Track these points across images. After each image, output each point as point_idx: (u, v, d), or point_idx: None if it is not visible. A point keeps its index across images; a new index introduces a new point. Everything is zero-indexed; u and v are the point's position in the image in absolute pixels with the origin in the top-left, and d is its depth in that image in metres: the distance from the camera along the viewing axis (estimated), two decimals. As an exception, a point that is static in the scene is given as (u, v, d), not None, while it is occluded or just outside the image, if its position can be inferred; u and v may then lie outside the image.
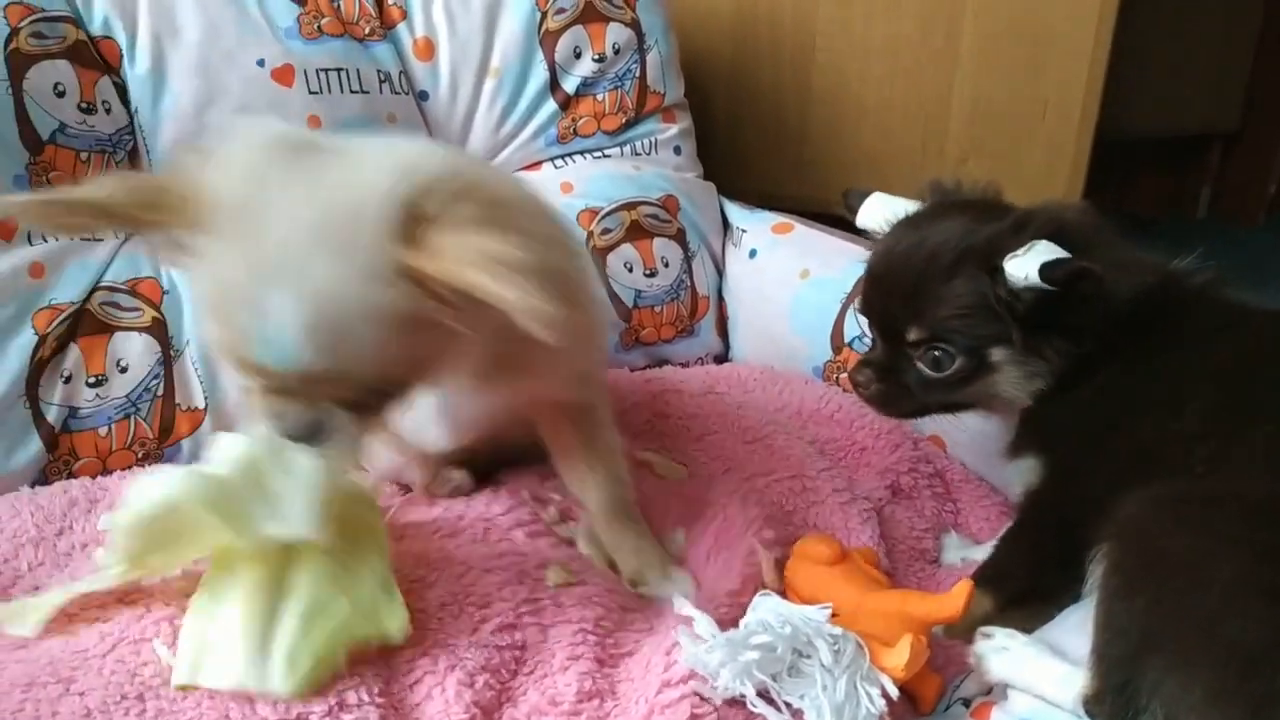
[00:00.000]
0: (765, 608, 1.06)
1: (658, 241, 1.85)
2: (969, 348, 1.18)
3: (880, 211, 1.31)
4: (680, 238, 1.88)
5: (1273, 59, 2.99)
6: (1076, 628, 1.07)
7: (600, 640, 1.07)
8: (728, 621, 1.05)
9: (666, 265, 1.85)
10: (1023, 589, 1.21)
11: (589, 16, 1.81)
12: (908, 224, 1.27)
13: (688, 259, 1.88)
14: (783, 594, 1.15)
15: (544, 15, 1.78)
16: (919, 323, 1.19)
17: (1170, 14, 2.81)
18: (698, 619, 1.03)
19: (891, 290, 1.23)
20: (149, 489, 0.93)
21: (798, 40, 2.29)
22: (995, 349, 1.18)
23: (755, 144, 2.32)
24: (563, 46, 1.80)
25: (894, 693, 1.00)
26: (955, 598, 1.07)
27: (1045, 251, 1.09)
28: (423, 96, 1.76)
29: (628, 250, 1.82)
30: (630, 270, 1.82)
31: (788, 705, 0.98)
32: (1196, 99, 3.09)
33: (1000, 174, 2.24)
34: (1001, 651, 1.07)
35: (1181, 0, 2.84)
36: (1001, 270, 1.12)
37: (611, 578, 1.19)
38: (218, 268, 0.86)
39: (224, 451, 0.92)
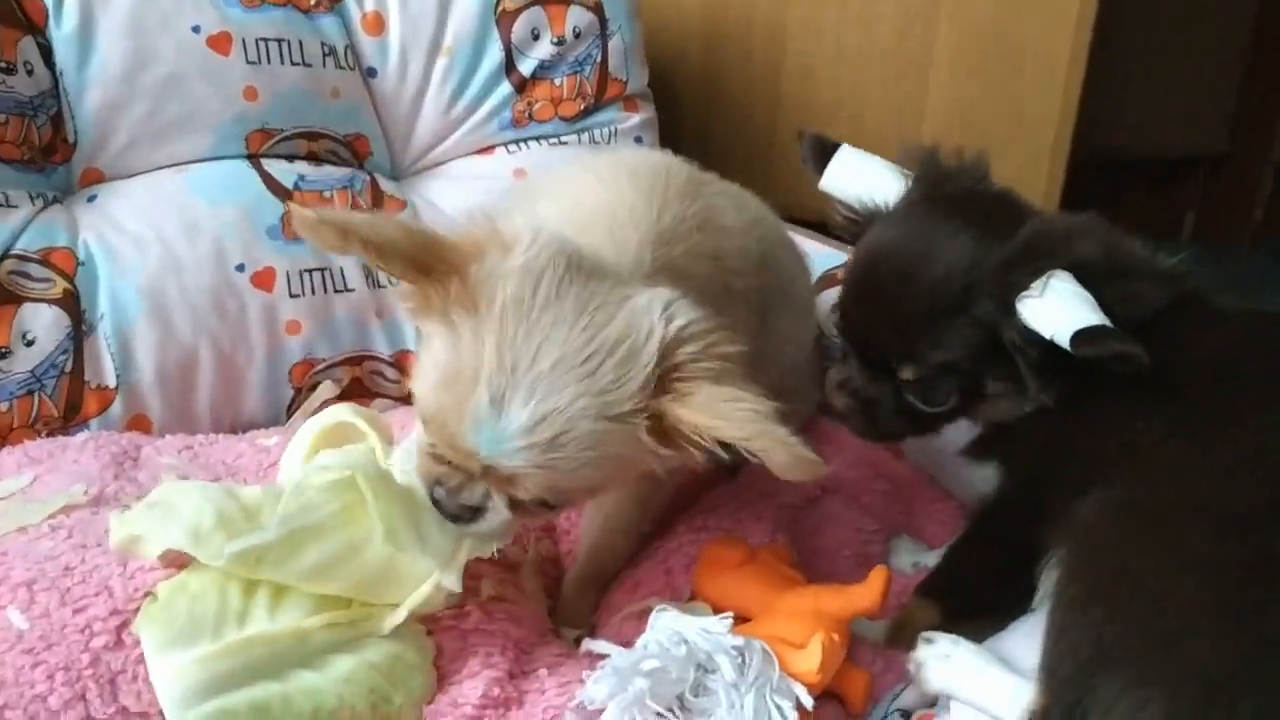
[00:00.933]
0: (661, 625, 0.98)
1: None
2: (965, 384, 1.08)
3: (851, 177, 1.15)
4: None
5: (1258, 83, 2.96)
6: (1026, 637, 0.99)
7: (517, 656, 1.03)
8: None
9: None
10: (971, 602, 1.13)
11: (549, -1, 1.74)
12: (897, 224, 1.11)
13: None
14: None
15: (501, -6, 1.71)
16: (915, 362, 1.07)
17: (1155, 36, 2.78)
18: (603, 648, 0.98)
19: (881, 317, 1.10)
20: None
21: (769, 44, 2.23)
22: (992, 381, 1.08)
23: (724, 148, 2.24)
24: (520, 27, 1.73)
25: (808, 702, 0.92)
26: (870, 587, 1.00)
27: (1063, 293, 0.97)
28: (370, 73, 1.68)
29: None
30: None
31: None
32: (1181, 122, 3.05)
33: (974, 185, 2.22)
34: (943, 660, 0.99)
35: (1167, 22, 2.81)
36: (1015, 311, 1.00)
37: (542, 608, 1.15)
38: (471, 346, 0.87)
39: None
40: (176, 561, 0.95)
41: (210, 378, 1.47)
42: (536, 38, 1.74)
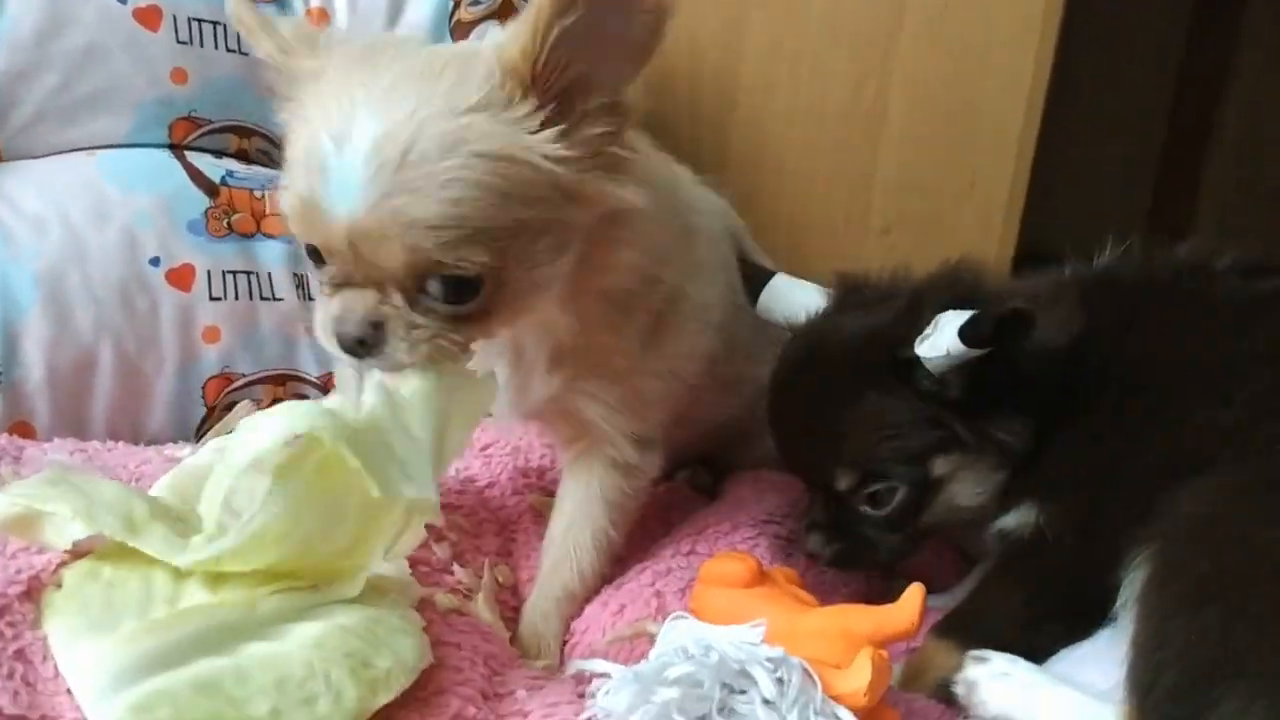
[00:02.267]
0: (680, 631, 0.82)
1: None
2: (908, 473, 0.99)
3: (780, 302, 1.12)
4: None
5: (1173, 178, 3.03)
6: (1086, 660, 0.86)
7: (489, 675, 0.86)
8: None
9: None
10: (996, 646, 0.99)
11: (507, 12, 1.63)
12: (798, 338, 1.08)
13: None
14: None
15: (457, 3, 1.60)
16: (842, 466, 1.01)
17: (1081, 135, 2.85)
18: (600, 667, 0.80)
19: (800, 436, 1.06)
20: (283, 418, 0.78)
21: (718, 99, 2.17)
22: (937, 461, 0.99)
23: (669, 203, 2.16)
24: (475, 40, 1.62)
25: None
26: (905, 608, 0.85)
27: (955, 320, 0.91)
28: (312, 74, 1.54)
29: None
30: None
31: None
32: (1107, 214, 3.10)
33: (925, 247, 2.16)
34: (1002, 678, 0.85)
35: (1091, 124, 2.89)
36: (916, 360, 0.93)
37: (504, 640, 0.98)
38: (316, 107, 0.82)
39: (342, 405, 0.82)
40: (82, 550, 0.76)
41: (110, 383, 1.28)
42: (492, 52, 1.64)
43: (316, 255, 0.87)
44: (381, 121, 0.78)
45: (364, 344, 0.84)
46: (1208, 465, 0.85)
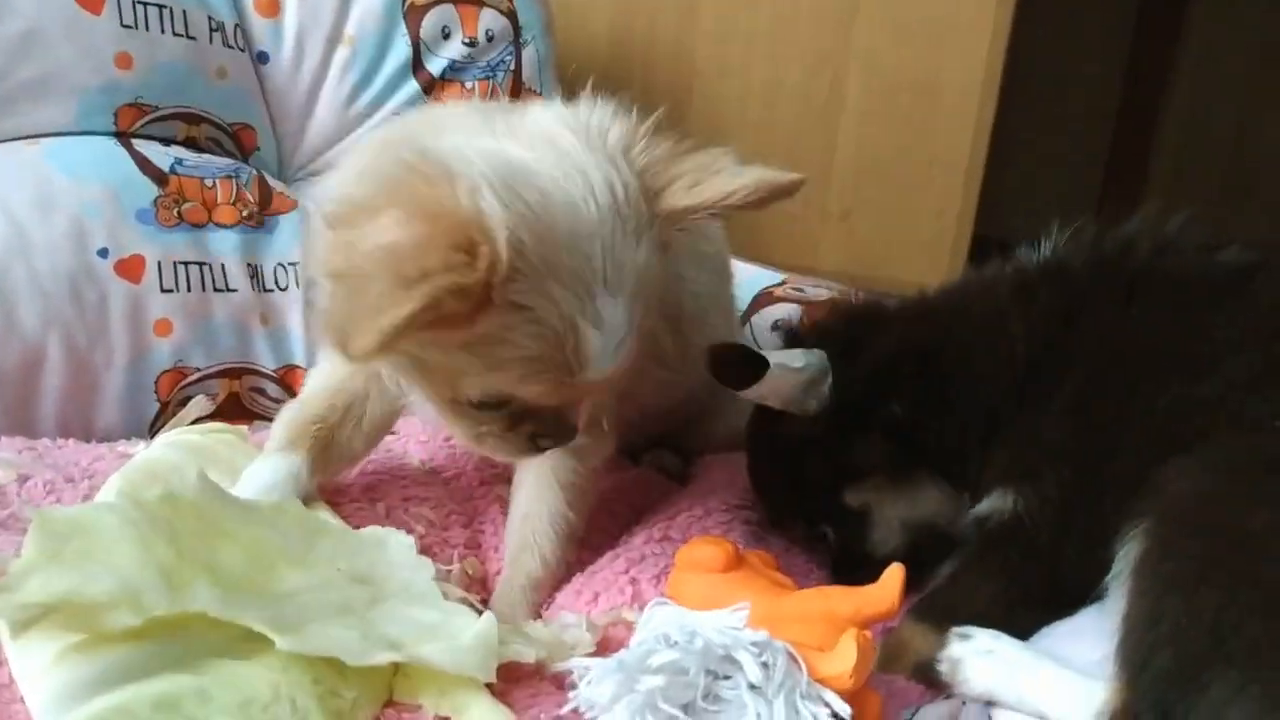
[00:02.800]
0: (662, 618, 0.81)
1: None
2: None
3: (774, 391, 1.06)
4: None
5: (1123, 160, 3.07)
6: (1072, 636, 0.85)
7: None
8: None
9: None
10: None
11: (460, -3, 1.61)
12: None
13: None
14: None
15: (409, -11, 1.57)
16: (790, 520, 1.13)
17: (1035, 119, 2.87)
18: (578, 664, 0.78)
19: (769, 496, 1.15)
20: None
21: (673, 80, 2.15)
22: (846, 493, 1.06)
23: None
24: (430, 23, 1.59)
25: (845, 710, 0.75)
26: (885, 588, 0.84)
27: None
28: (262, 58, 1.51)
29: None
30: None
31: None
32: (1061, 197, 3.13)
33: (885, 232, 2.17)
34: (986, 656, 0.84)
35: (1045, 107, 2.92)
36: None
37: None
38: (547, 306, 0.81)
39: None
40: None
41: (59, 380, 1.24)
42: (447, 36, 1.60)
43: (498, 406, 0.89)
44: (619, 300, 0.84)
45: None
46: (1194, 442, 0.84)
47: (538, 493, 1.04)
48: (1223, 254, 1.00)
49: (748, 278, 1.62)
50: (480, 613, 0.80)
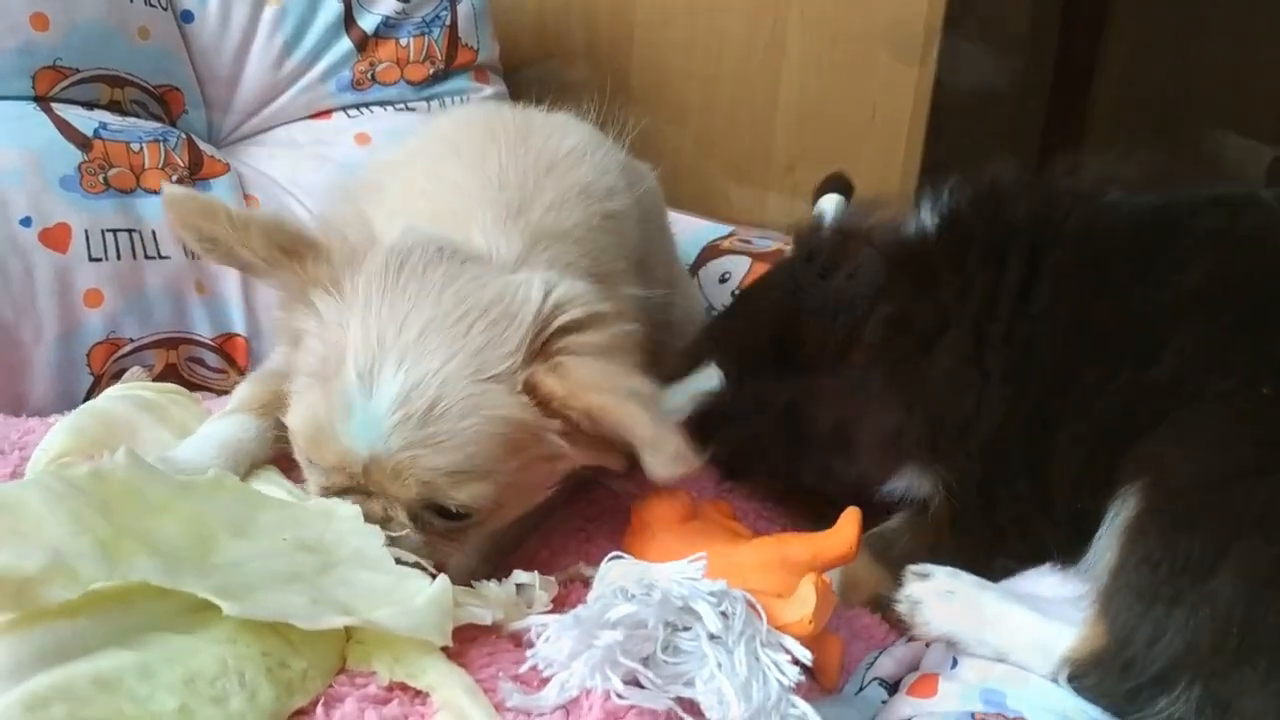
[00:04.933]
0: (619, 572, 0.80)
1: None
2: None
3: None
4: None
5: (1064, 103, 3.08)
6: (1041, 576, 0.85)
7: None
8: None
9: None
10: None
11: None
12: None
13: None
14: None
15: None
16: None
17: (975, 63, 2.87)
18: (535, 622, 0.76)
19: None
20: None
21: (615, 34, 2.12)
22: None
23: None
24: (361, -22, 1.54)
25: (806, 656, 0.75)
26: (842, 532, 0.84)
27: None
28: (186, 17, 1.46)
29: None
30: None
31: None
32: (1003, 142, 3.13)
33: (830, 181, 2.16)
34: (945, 597, 0.83)
35: (985, 51, 2.91)
36: None
37: None
38: (336, 330, 0.83)
39: None
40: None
41: (-15, 355, 1.19)
42: (379, -9, 1.56)
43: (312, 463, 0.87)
44: (410, 374, 0.80)
45: None
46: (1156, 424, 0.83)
47: None
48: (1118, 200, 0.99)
49: (695, 231, 1.60)
50: (434, 576, 0.78)
